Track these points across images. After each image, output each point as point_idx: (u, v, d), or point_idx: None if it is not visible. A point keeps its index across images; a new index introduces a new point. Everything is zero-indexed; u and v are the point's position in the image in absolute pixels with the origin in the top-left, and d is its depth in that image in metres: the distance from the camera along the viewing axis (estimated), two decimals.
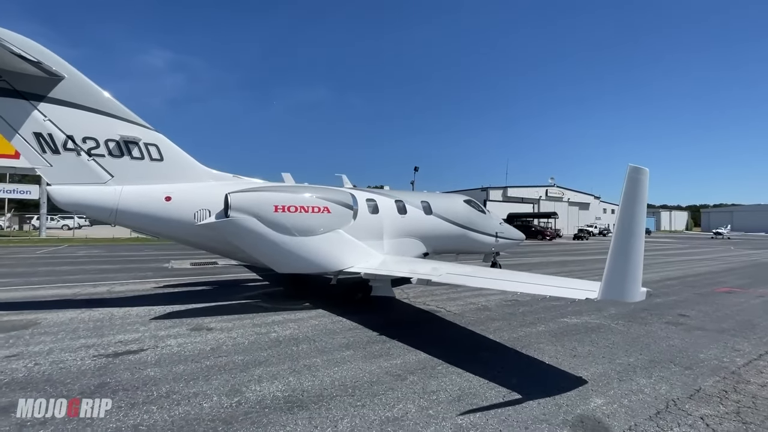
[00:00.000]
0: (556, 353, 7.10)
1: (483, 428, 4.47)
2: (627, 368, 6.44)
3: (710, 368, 6.54)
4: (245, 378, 5.78)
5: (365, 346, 7.36)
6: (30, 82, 8.81)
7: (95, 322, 8.68)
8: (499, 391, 5.43)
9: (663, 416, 4.86)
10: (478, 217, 15.44)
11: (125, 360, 6.42)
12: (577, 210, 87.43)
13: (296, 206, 9.67)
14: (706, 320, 9.77)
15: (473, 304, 11.21)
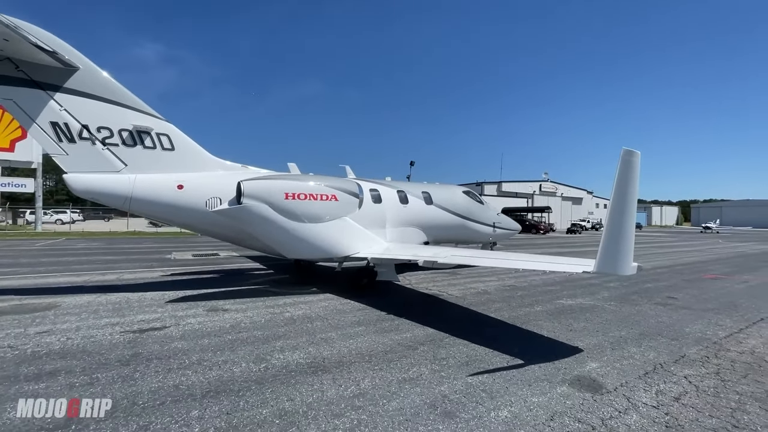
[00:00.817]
0: (554, 328, 7.63)
1: (491, 386, 4.96)
2: (619, 340, 6.99)
3: (694, 339, 7.12)
4: (268, 349, 6.22)
5: (375, 323, 7.83)
6: (46, 73, 9.09)
7: (113, 304, 9.03)
8: (503, 358, 5.93)
9: (651, 376, 5.40)
10: (477, 208, 15.95)
11: (151, 335, 6.82)
12: (570, 205, 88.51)
13: (306, 194, 10.08)
14: (693, 301, 10.38)
15: (473, 288, 11.72)
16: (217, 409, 4.26)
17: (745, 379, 5.37)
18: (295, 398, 4.56)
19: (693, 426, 4.11)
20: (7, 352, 5.87)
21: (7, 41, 8.19)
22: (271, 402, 4.45)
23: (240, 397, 4.55)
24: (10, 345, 6.16)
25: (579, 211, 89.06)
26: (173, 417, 4.09)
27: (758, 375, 5.52)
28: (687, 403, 4.62)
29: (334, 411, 4.28)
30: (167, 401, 4.42)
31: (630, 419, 4.22)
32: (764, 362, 6.03)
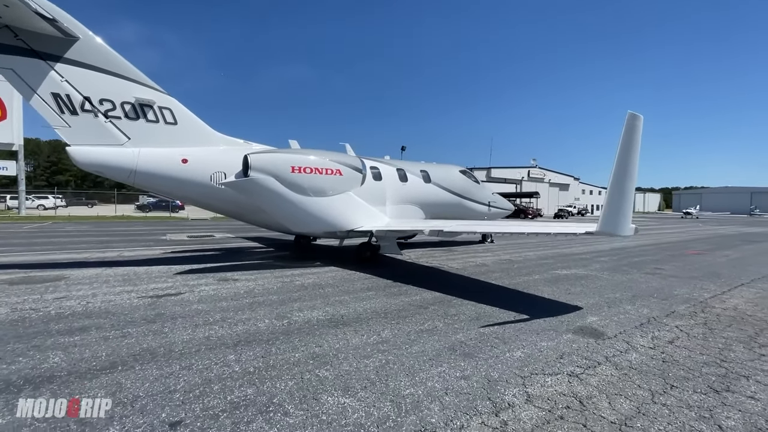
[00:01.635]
0: (553, 292, 8.08)
1: (502, 334, 5.35)
2: (614, 300, 7.48)
3: (683, 299, 7.66)
4: (286, 309, 6.49)
5: (384, 288, 8.16)
6: (46, 42, 8.96)
7: (121, 276, 9.13)
8: (510, 314, 6.33)
9: (645, 326, 5.87)
10: (473, 187, 16.31)
11: (169, 300, 7.01)
12: (557, 190, 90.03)
13: (312, 168, 10.25)
14: (679, 271, 11.00)
15: (471, 262, 12.14)
16: (252, 354, 4.54)
17: (730, 327, 5.89)
18: (323, 345, 4.86)
19: (686, 360, 4.57)
20: (30, 313, 6.00)
21: (7, 7, 8.06)
22: (301, 348, 4.74)
23: (271, 345, 4.83)
24: (32, 308, 6.29)
25: (566, 196, 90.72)
26: (212, 360, 4.35)
27: (741, 325, 6.05)
28: (680, 345, 5.08)
29: (361, 353, 4.60)
30: (202, 349, 4.67)
31: (631, 356, 4.65)
32: (746, 315, 6.58)
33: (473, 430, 3.10)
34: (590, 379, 4.03)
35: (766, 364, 4.53)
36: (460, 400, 3.53)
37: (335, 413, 3.29)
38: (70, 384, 3.72)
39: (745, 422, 3.32)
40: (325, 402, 3.46)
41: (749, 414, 3.45)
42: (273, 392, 3.62)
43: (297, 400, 3.48)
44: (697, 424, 3.26)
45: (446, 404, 3.46)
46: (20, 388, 3.63)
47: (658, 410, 3.45)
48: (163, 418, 3.16)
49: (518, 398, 3.59)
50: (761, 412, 3.49)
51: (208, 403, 3.41)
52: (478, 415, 3.31)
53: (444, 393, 3.66)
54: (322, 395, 3.58)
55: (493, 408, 3.42)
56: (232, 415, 3.23)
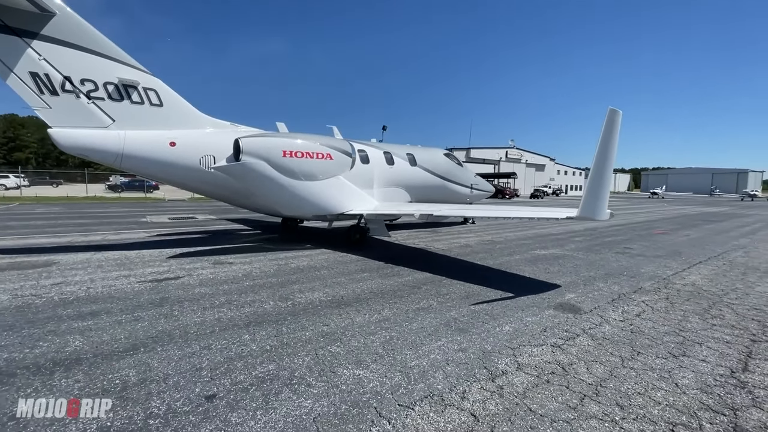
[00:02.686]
0: (533, 272, 8.72)
1: (491, 311, 5.88)
2: (589, 278, 8.17)
3: (648, 277, 8.44)
4: (287, 291, 6.81)
5: (377, 270, 8.57)
6: (20, 17, 8.60)
7: (114, 260, 9.14)
8: (496, 292, 6.89)
9: (616, 301, 6.55)
10: (457, 170, 16.77)
11: (170, 284, 7.18)
12: (533, 171, 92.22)
13: (303, 152, 10.37)
14: (646, 251, 11.92)
15: (456, 243, 12.70)
16: (264, 333, 4.88)
17: (688, 301, 6.65)
18: (330, 324, 5.24)
19: (650, 331, 5.22)
20: (33, 299, 6.08)
21: None
22: (309, 327, 5.11)
23: (280, 325, 5.18)
24: (33, 294, 6.36)
25: (542, 177, 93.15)
26: (228, 339, 4.66)
27: (697, 299, 6.82)
28: (645, 318, 5.76)
29: (366, 331, 5.02)
30: (216, 330, 4.97)
31: (604, 329, 5.27)
32: (702, 290, 7.39)
33: (474, 393, 3.58)
34: (570, 349, 4.60)
35: (716, 333, 5.24)
36: (460, 369, 4.01)
37: (353, 383, 3.70)
38: (98, 365, 3.97)
39: (697, 380, 3.95)
40: (341, 374, 3.87)
41: (701, 374, 4.09)
42: (293, 367, 3.99)
43: (316, 374, 3.87)
44: (658, 383, 3.87)
45: (448, 373, 3.93)
46: (52, 371, 3.85)
47: (626, 373, 4.05)
48: (198, 393, 3.49)
49: (510, 366, 4.11)
50: (710, 371, 4.15)
51: (236, 378, 3.76)
52: (477, 381, 3.80)
53: (445, 363, 4.14)
54: (338, 368, 3.99)
55: (489, 375, 3.92)
56: (260, 387, 3.59)
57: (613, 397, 3.56)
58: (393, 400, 3.44)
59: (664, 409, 3.39)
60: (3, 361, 4.00)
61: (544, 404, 3.42)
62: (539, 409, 3.34)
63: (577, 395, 3.59)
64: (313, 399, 3.42)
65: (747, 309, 6.29)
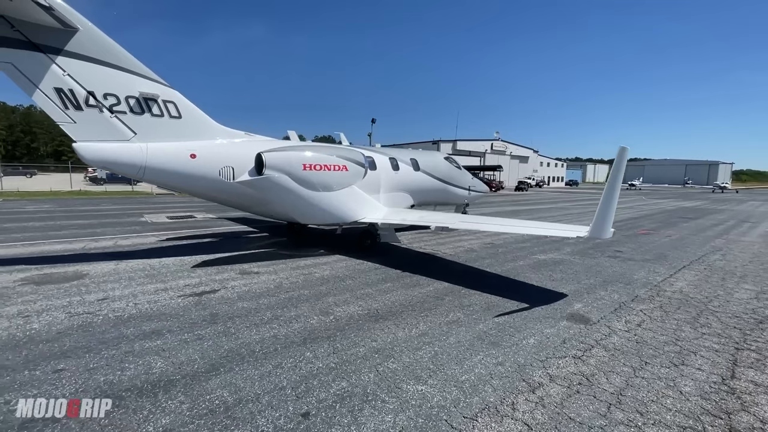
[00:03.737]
0: (540, 279, 9.56)
1: (513, 323, 6.64)
2: (590, 286, 9.06)
3: (642, 284, 9.40)
4: (324, 304, 7.40)
5: (397, 279, 9.23)
6: (45, 34, 8.72)
7: (141, 271, 9.48)
8: (513, 303, 7.66)
9: (618, 311, 7.43)
10: (456, 173, 17.47)
11: (210, 298, 7.66)
12: (517, 163, 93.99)
13: (321, 165, 10.84)
14: (634, 254, 12.97)
15: (460, 247, 13.47)
16: (323, 351, 5.49)
17: (679, 310, 7.58)
18: (377, 339, 5.89)
19: (652, 341, 6.09)
20: (90, 317, 6.48)
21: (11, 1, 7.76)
22: (361, 343, 5.75)
23: (333, 341, 5.79)
24: (86, 311, 6.75)
25: (525, 169, 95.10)
26: (293, 358, 5.25)
27: (686, 307, 7.78)
28: (646, 327, 6.64)
29: (411, 346, 5.69)
30: (278, 348, 5.55)
31: (614, 340, 6.11)
32: (689, 298, 8.36)
33: (522, 404, 4.31)
34: (589, 360, 5.40)
35: (706, 341, 6.15)
36: (503, 383, 4.74)
37: (419, 398, 4.38)
38: (192, 387, 4.51)
39: (696, 388, 4.80)
40: (406, 390, 4.54)
41: (698, 381, 4.95)
42: (363, 384, 4.64)
43: (385, 390, 4.53)
44: (666, 391, 4.69)
45: (495, 386, 4.65)
46: (155, 393, 4.36)
47: (639, 382, 4.86)
48: (293, 411, 4.09)
49: (544, 378, 4.87)
50: (705, 379, 5.01)
51: (318, 396, 4.37)
52: (521, 393, 4.53)
53: (490, 377, 4.86)
54: (402, 384, 4.65)
55: (529, 387, 4.66)
56: (343, 404, 4.22)
57: (633, 405, 4.36)
58: (458, 412, 4.13)
59: (674, 415, 4.21)
60: (106, 384, 4.49)
61: (580, 413, 4.18)
62: (577, 417, 4.10)
63: (604, 404, 4.37)
64: (392, 414, 4.08)
65: (729, 317, 7.26)
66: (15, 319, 6.33)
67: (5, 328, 5.98)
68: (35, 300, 7.27)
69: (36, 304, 7.04)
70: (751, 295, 8.66)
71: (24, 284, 8.24)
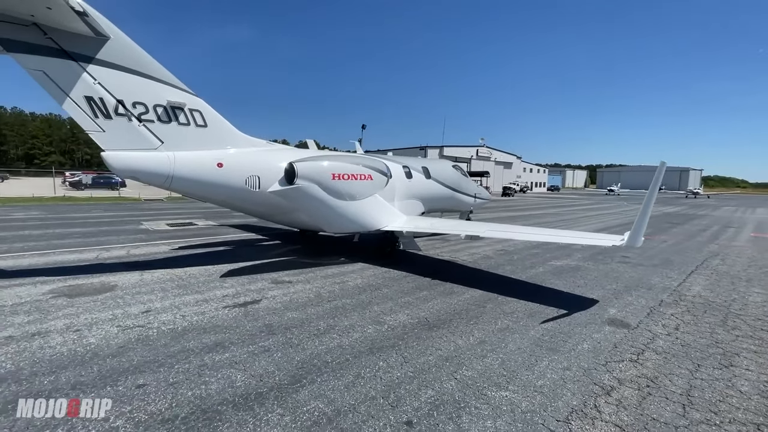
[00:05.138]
0: (566, 286, 9.93)
1: (561, 329, 6.93)
2: (616, 291, 9.48)
3: (661, 288, 9.90)
4: (372, 314, 7.51)
5: (431, 287, 9.41)
6: (77, 42, 8.61)
7: (170, 282, 9.34)
8: (553, 310, 7.96)
9: (652, 315, 7.83)
10: (463, 180, 17.87)
11: (256, 309, 7.64)
12: (502, 169, 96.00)
13: (349, 174, 10.97)
14: (642, 260, 13.58)
15: (477, 254, 13.79)
16: (393, 360, 5.61)
17: (706, 314, 8.05)
18: (441, 348, 6.05)
19: (695, 343, 6.48)
20: (142, 331, 6.39)
21: (49, 9, 7.65)
22: (427, 352, 5.90)
23: (401, 350, 5.92)
24: (137, 324, 6.65)
25: (509, 174, 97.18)
26: (370, 368, 5.36)
27: (712, 310, 8.26)
28: (684, 331, 7.04)
29: (477, 354, 5.88)
30: (349, 358, 5.64)
31: (660, 343, 6.46)
32: (710, 302, 8.88)
33: (603, 406, 4.56)
34: (646, 363, 5.72)
35: (743, 343, 6.58)
36: (578, 387, 4.99)
37: (508, 404, 4.56)
38: (284, 398, 4.56)
39: (753, 387, 5.17)
40: (492, 396, 4.72)
41: (752, 381, 5.32)
42: (449, 391, 4.79)
43: (472, 397, 4.69)
44: (727, 390, 5.04)
45: (573, 391, 4.89)
46: (250, 407, 4.39)
47: (700, 384, 5.20)
48: (395, 420, 4.21)
49: (613, 382, 5.14)
50: (757, 379, 5.39)
51: (412, 404, 4.50)
52: (598, 396, 4.79)
53: (563, 382, 5.10)
54: (485, 391, 4.83)
55: (603, 391, 4.92)
56: (440, 412, 4.37)
57: (705, 405, 4.67)
58: (550, 416, 4.34)
59: (744, 413, 4.54)
60: (197, 399, 4.50)
61: (661, 414, 4.46)
62: (660, 418, 4.37)
63: (678, 404, 4.66)
64: (490, 420, 4.26)
65: (753, 320, 7.76)
66: (67, 334, 6.20)
67: (61, 343, 5.85)
68: (76, 313, 7.10)
69: (80, 318, 6.88)
70: (765, 299, 9.25)
71: (55, 297, 8.02)
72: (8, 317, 6.86)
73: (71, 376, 4.92)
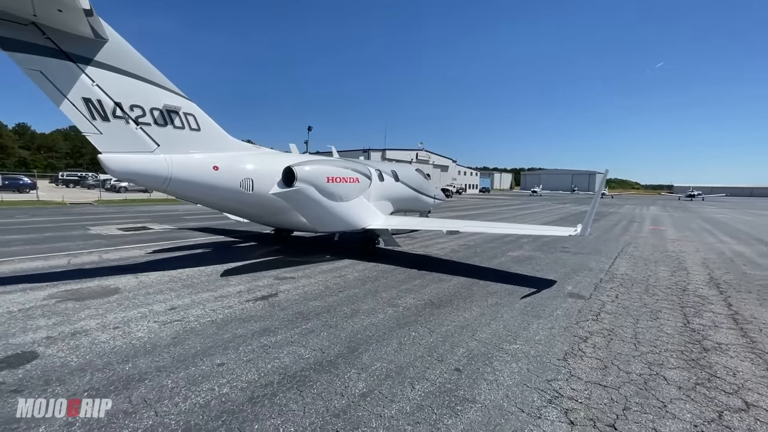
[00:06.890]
0: (528, 270, 11.94)
1: (536, 302, 8.70)
2: (567, 273, 11.68)
3: (598, 270, 12.36)
4: (384, 299, 8.65)
5: (421, 277, 10.78)
6: (76, 43, 8.63)
7: (174, 282, 9.54)
8: (525, 289, 9.77)
9: (598, 289, 10.02)
10: (426, 183, 19.59)
11: (278, 300, 8.36)
12: (439, 172, 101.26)
13: (340, 177, 11.93)
14: (578, 249, 16.33)
15: (445, 248, 15.48)
16: (423, 331, 6.84)
17: (633, 286, 10.47)
18: (454, 320, 7.42)
19: (631, 305, 8.64)
20: (184, 324, 6.83)
21: (60, 11, 7.67)
22: (445, 323, 7.23)
23: (423, 324, 7.16)
24: (172, 319, 7.04)
25: (446, 177, 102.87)
26: (406, 337, 6.52)
27: (637, 283, 10.72)
28: (622, 298, 9.24)
29: (483, 322, 7.34)
30: (385, 332, 6.75)
31: (609, 307, 8.51)
32: (633, 278, 11.42)
33: (584, 348, 6.25)
34: (603, 320, 7.64)
35: (662, 304, 8.88)
36: (564, 338, 6.66)
37: (521, 352, 6.04)
38: (354, 363, 5.56)
39: (674, 329, 7.27)
40: (508, 349, 6.17)
41: (673, 326, 7.45)
42: (476, 348, 6.14)
43: (494, 350, 6.09)
44: (658, 333, 7.07)
45: (562, 341, 6.55)
46: (330, 370, 5.33)
47: (641, 330, 7.18)
48: (446, 368, 5.44)
49: (586, 334, 6.91)
50: (674, 325, 7.54)
51: (453, 358, 5.77)
52: (579, 343, 6.48)
53: (553, 336, 6.74)
54: (502, 345, 6.27)
55: (581, 340, 6.64)
56: (477, 360, 5.69)
57: (647, 342, 6.60)
58: (552, 357, 5.90)
59: (672, 345, 6.52)
60: (279, 369, 5.31)
61: (622, 350, 6.27)
62: (622, 352, 6.16)
63: (632, 344, 6.53)
64: (514, 362, 5.69)
65: (664, 288, 10.31)
66: (108, 331, 6.45)
67: (111, 338, 6.15)
68: (100, 314, 7.23)
69: (109, 317, 7.07)
70: (668, 274, 12.08)
71: (60, 301, 7.95)
72: (28, 321, 6.83)
73: (149, 362, 5.40)
